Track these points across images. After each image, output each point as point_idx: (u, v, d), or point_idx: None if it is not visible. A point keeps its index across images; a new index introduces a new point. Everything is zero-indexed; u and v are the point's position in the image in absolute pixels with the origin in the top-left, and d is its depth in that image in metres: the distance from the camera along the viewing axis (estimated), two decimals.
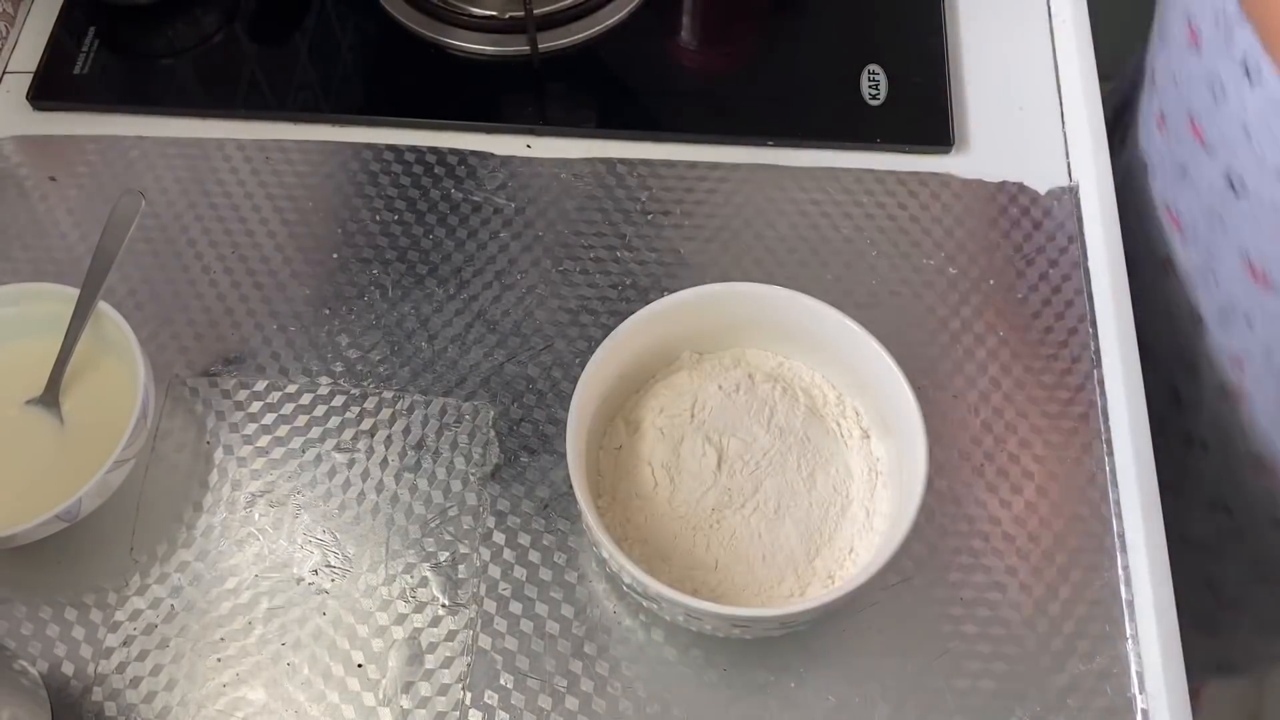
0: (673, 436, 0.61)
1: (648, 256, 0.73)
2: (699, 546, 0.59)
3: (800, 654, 0.61)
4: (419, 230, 0.74)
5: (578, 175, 0.76)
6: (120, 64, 0.82)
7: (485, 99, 0.80)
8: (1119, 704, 0.59)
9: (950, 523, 0.64)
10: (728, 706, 0.60)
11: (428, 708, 0.60)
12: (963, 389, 0.68)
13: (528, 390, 0.68)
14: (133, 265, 0.72)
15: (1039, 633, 0.61)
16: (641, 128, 0.78)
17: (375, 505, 0.65)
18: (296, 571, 0.63)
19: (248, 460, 0.67)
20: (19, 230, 0.74)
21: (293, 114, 0.79)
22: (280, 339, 0.70)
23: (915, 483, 0.55)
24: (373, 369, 0.69)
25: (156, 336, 0.70)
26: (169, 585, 0.63)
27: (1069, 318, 0.70)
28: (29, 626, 0.62)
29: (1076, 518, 0.64)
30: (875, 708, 0.60)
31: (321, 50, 0.83)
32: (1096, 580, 0.62)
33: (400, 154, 0.77)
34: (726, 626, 0.56)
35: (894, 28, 0.81)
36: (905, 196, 0.74)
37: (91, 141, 0.78)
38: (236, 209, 0.75)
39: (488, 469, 0.66)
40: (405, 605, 0.62)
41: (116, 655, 0.61)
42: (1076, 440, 0.66)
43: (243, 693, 0.60)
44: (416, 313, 0.71)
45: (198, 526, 0.65)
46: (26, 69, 0.81)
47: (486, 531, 0.64)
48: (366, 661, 0.61)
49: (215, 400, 0.68)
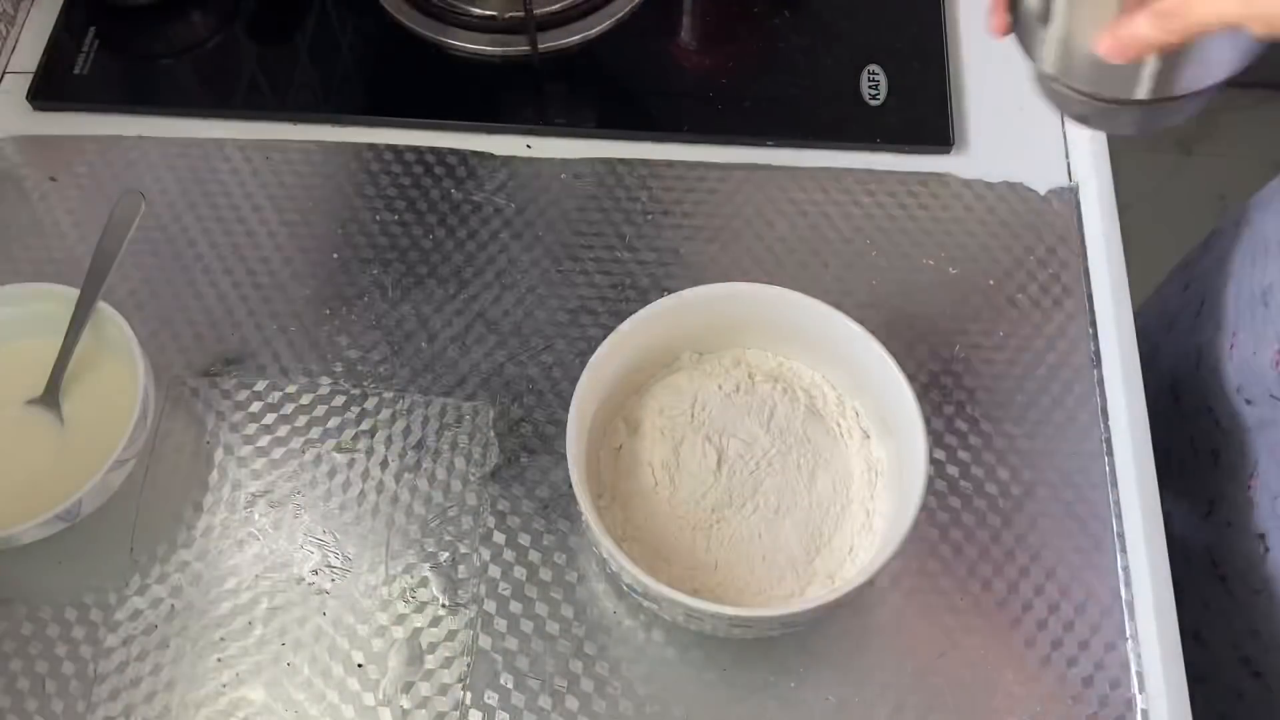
0: (673, 436, 0.61)
1: (648, 256, 0.73)
2: (699, 546, 0.59)
3: (800, 654, 0.61)
4: (419, 230, 0.74)
5: (578, 175, 0.76)
6: (120, 64, 0.82)
7: (485, 99, 0.80)
8: (1119, 704, 0.59)
9: (951, 523, 0.64)
10: (728, 706, 0.60)
11: (428, 708, 0.60)
12: (964, 389, 0.68)
13: (528, 390, 0.68)
14: (133, 265, 0.72)
15: (1039, 633, 0.61)
16: (641, 128, 0.78)
17: (375, 505, 0.65)
18: (297, 572, 0.63)
19: (248, 460, 0.67)
20: (19, 230, 0.74)
21: (293, 114, 0.79)
22: (280, 339, 0.70)
23: (915, 483, 0.55)
24: (373, 369, 0.69)
25: (156, 337, 0.70)
26: (169, 585, 0.63)
27: (1069, 318, 0.70)
28: (29, 626, 0.62)
29: (1077, 518, 0.64)
30: (875, 708, 0.60)
31: (321, 50, 0.83)
32: (1097, 581, 0.62)
33: (400, 154, 0.77)
34: (726, 626, 0.56)
35: (894, 28, 0.81)
36: (905, 196, 0.74)
37: (91, 141, 0.78)
38: (236, 209, 0.75)
39: (488, 469, 0.66)
40: (405, 605, 0.62)
41: (117, 655, 0.61)
42: (1077, 440, 0.66)
43: (243, 693, 0.60)
44: (416, 313, 0.71)
45: (198, 527, 0.65)
46: (27, 69, 0.81)
47: (486, 532, 0.64)
48: (366, 661, 0.61)
49: (215, 400, 0.68)
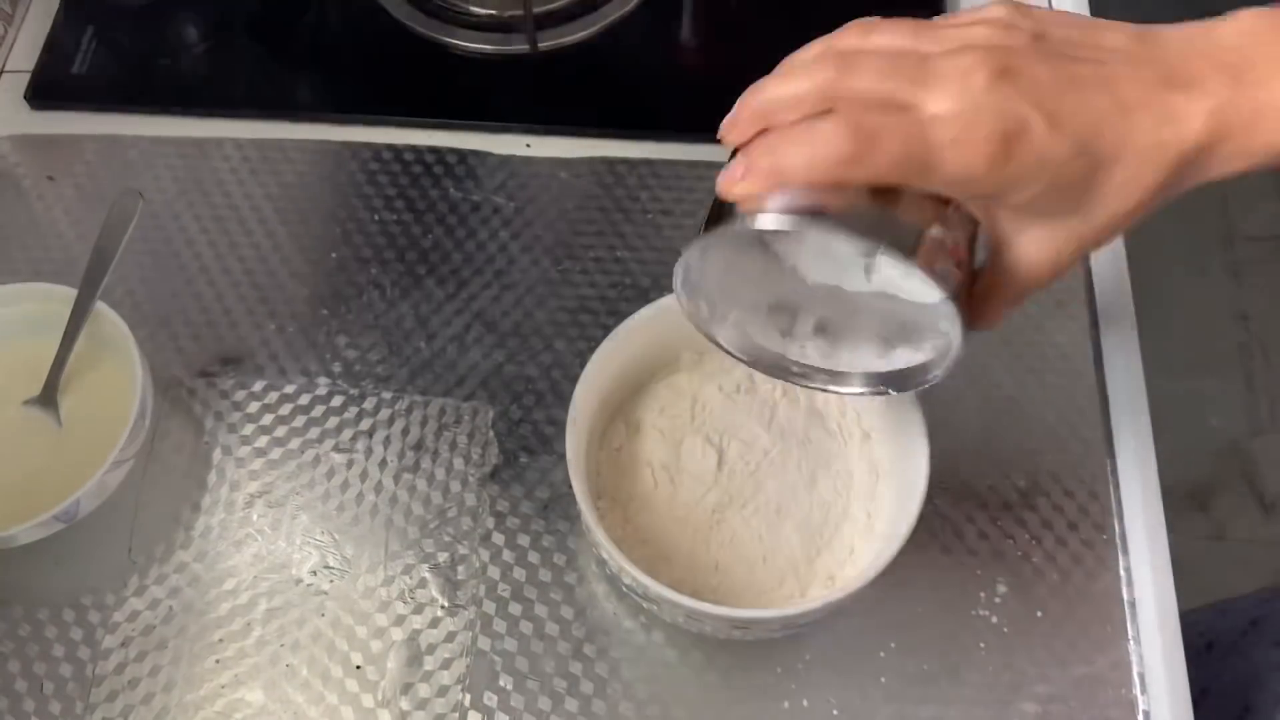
0: (673, 437, 0.61)
1: (648, 256, 0.72)
2: (699, 548, 0.59)
3: (801, 655, 0.61)
4: (418, 230, 0.74)
5: (577, 175, 0.76)
6: (119, 63, 0.81)
7: (484, 98, 0.79)
8: (1120, 705, 0.59)
9: (952, 523, 0.64)
10: (728, 708, 0.60)
11: (427, 709, 0.60)
12: (964, 389, 0.67)
13: (527, 390, 0.68)
14: (131, 265, 0.72)
15: (1040, 634, 0.61)
16: (641, 128, 0.77)
17: (374, 506, 0.65)
18: (295, 573, 0.63)
19: (246, 461, 0.66)
20: (17, 230, 0.74)
21: (291, 114, 0.79)
22: (278, 339, 0.70)
23: (916, 484, 0.55)
24: (371, 369, 0.69)
25: (154, 337, 0.70)
26: (167, 586, 0.63)
27: (1070, 318, 0.70)
28: (26, 628, 0.62)
29: (1077, 518, 0.64)
30: (876, 709, 0.59)
31: (320, 50, 0.83)
32: (1097, 581, 0.62)
33: (399, 153, 0.77)
34: (727, 628, 0.56)
35: None
36: None
37: (90, 141, 0.77)
38: (235, 209, 0.75)
39: (487, 470, 0.66)
40: (404, 607, 0.62)
41: (114, 657, 0.61)
42: (1078, 439, 0.66)
43: (241, 694, 0.60)
44: (415, 313, 0.71)
45: (196, 527, 0.65)
46: (24, 68, 0.81)
47: (486, 533, 0.64)
48: (365, 663, 0.61)
49: (213, 401, 0.68)
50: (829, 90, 0.42)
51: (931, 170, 0.41)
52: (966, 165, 0.40)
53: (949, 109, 0.40)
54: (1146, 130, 0.41)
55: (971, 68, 0.40)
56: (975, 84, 0.40)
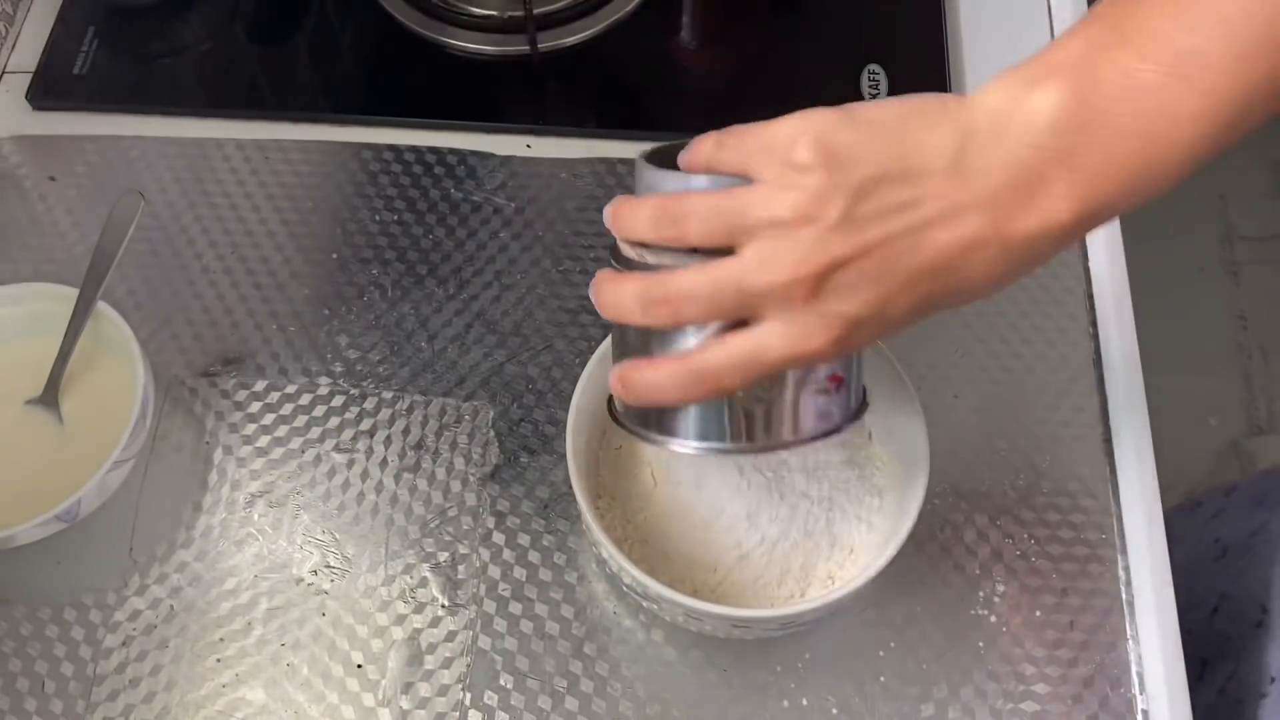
0: None
1: None
2: (699, 547, 0.59)
3: (800, 654, 0.61)
4: (419, 230, 0.74)
5: (578, 175, 0.76)
6: (120, 64, 0.82)
7: (485, 99, 0.80)
8: (1119, 704, 0.59)
9: (951, 523, 0.64)
10: (728, 707, 0.60)
11: (427, 708, 0.60)
12: (964, 389, 0.68)
13: (527, 390, 0.68)
14: (132, 265, 0.72)
15: (1039, 634, 0.61)
16: (642, 128, 0.77)
17: (375, 506, 0.65)
18: (296, 572, 0.63)
19: (247, 461, 0.66)
20: (18, 230, 0.74)
21: (292, 114, 0.79)
22: (279, 339, 0.70)
23: (916, 483, 0.55)
24: (372, 369, 0.69)
25: (156, 337, 0.70)
26: (168, 586, 0.63)
27: (1069, 318, 0.70)
28: (28, 627, 0.62)
29: (1076, 518, 0.64)
30: (876, 708, 0.60)
31: (321, 50, 0.83)
32: (1096, 580, 0.62)
33: (400, 154, 0.77)
34: (726, 627, 0.56)
35: (894, 28, 0.81)
36: None
37: (91, 141, 0.77)
38: (236, 209, 0.75)
39: (487, 469, 0.66)
40: (405, 606, 0.62)
41: (116, 656, 0.61)
42: (1077, 440, 0.66)
43: (242, 693, 0.60)
44: (416, 313, 0.71)
45: (197, 527, 0.65)
46: (26, 69, 0.81)
47: (486, 532, 0.64)
48: (366, 662, 0.61)
49: (214, 400, 0.68)
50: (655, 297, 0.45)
51: (777, 369, 0.45)
52: (808, 361, 0.44)
53: (779, 333, 0.43)
54: (988, 260, 0.42)
55: (790, 287, 0.42)
56: (796, 302, 0.42)
